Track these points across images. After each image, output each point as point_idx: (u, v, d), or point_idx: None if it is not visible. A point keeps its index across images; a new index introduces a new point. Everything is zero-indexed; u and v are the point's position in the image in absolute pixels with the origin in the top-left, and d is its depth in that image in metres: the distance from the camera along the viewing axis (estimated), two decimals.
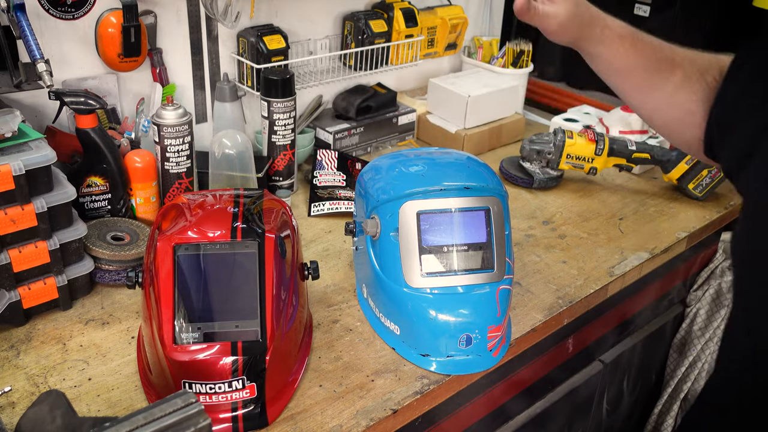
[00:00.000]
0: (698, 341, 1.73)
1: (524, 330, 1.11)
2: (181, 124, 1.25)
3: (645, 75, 0.98)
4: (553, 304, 1.17)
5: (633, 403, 1.76)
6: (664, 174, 1.54)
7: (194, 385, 0.87)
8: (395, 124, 1.73)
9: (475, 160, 1.15)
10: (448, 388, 1.01)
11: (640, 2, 1.90)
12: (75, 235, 1.07)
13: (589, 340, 1.43)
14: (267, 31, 1.49)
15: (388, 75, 1.83)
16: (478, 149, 1.72)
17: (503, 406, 1.28)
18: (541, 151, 1.54)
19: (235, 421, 0.89)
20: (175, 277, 0.91)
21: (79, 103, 1.16)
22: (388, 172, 1.11)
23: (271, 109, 1.40)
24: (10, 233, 1.00)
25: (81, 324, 1.07)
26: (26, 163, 0.98)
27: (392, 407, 0.94)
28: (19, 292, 1.03)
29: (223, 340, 0.88)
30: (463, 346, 0.99)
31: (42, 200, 1.01)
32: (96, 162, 1.21)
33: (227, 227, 0.94)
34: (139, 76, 1.40)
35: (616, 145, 1.52)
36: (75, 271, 1.09)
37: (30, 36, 1.11)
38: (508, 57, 1.87)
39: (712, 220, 1.48)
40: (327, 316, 1.11)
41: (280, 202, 1.07)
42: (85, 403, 0.92)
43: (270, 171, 1.46)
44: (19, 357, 0.99)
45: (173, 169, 1.29)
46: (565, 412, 1.45)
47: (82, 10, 1.26)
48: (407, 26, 1.68)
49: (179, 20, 1.41)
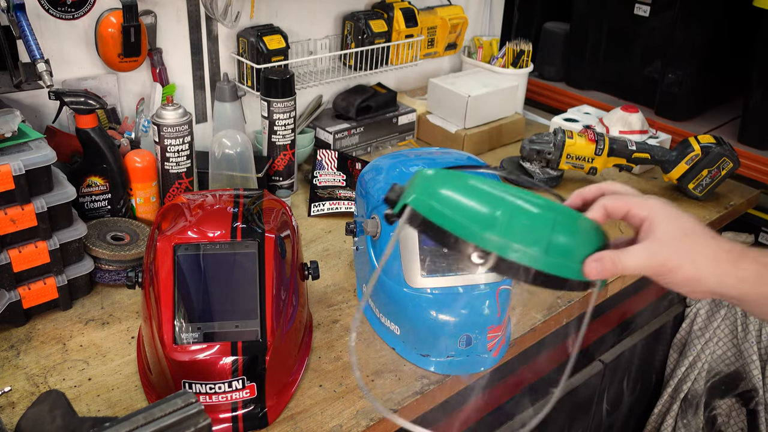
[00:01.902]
0: (698, 341, 1.73)
1: (524, 330, 1.11)
2: (181, 124, 1.25)
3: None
4: (553, 303, 1.17)
5: (633, 403, 1.76)
6: (664, 174, 1.54)
7: (194, 385, 0.87)
8: (395, 124, 1.73)
9: (475, 160, 1.15)
10: (448, 388, 1.01)
11: (640, 2, 1.90)
12: (75, 235, 1.07)
13: (589, 340, 1.43)
14: (267, 31, 1.48)
15: (388, 75, 1.83)
16: (478, 149, 1.72)
17: (503, 406, 1.28)
18: (541, 151, 1.54)
19: (235, 421, 0.89)
20: (175, 277, 0.91)
21: (79, 103, 1.16)
22: (388, 172, 1.11)
23: (271, 109, 1.40)
24: (10, 233, 1.00)
25: (81, 324, 1.07)
26: (26, 163, 0.98)
27: (392, 407, 0.94)
28: (19, 292, 1.03)
29: (223, 340, 0.88)
30: (463, 346, 0.99)
31: (42, 200, 1.01)
32: (96, 162, 1.21)
33: (227, 227, 0.94)
34: (139, 76, 1.40)
35: (616, 145, 1.52)
36: (75, 271, 1.09)
37: (30, 36, 1.11)
38: (508, 57, 1.87)
39: (712, 220, 1.48)
40: (327, 316, 1.11)
41: (280, 202, 1.07)
42: (85, 403, 0.92)
43: (270, 171, 1.46)
44: (19, 357, 0.99)
45: (173, 169, 1.29)
46: (565, 412, 1.45)
47: (82, 10, 1.26)
48: (407, 26, 1.68)
49: (179, 20, 1.41)
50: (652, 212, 0.70)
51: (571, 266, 0.69)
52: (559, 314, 1.16)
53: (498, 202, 0.68)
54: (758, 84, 1.73)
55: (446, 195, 0.69)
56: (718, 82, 1.98)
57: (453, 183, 0.71)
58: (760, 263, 0.67)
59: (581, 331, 0.71)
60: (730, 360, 1.72)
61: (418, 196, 0.71)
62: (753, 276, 0.67)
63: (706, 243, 0.68)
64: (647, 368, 1.75)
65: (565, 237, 0.68)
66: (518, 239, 0.67)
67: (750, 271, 0.67)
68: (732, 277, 0.67)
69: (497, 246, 0.67)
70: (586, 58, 2.07)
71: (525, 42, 1.85)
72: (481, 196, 0.69)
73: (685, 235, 0.69)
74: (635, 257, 0.68)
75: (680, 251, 0.68)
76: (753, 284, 0.67)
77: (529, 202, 0.69)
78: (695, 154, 1.48)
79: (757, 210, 1.73)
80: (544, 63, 2.15)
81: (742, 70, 1.82)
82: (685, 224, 0.70)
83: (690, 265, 0.67)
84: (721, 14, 1.82)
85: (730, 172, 1.50)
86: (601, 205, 0.73)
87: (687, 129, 1.86)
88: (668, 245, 0.68)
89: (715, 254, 0.68)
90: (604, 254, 0.68)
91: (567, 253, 0.68)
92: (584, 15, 2.04)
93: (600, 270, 0.68)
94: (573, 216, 0.70)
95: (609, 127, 1.69)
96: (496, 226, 0.67)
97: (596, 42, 2.04)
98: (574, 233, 0.69)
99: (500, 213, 0.67)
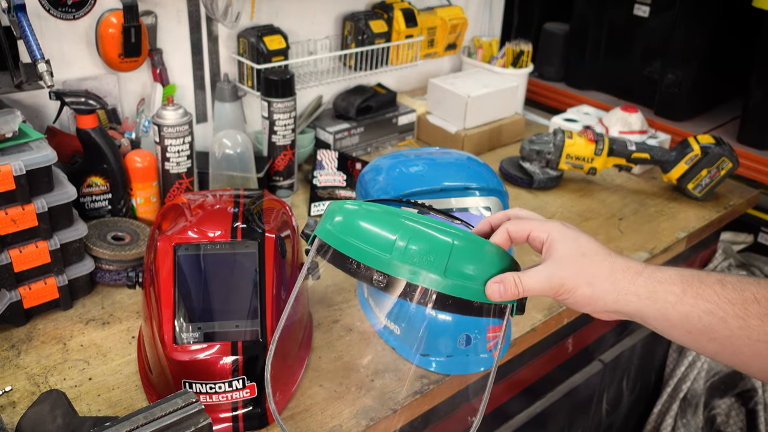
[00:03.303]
0: None
1: (524, 330, 1.11)
2: (181, 124, 1.25)
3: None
4: (553, 303, 1.18)
5: (633, 402, 1.76)
6: (663, 174, 1.54)
7: (194, 384, 0.87)
8: (395, 125, 1.73)
9: (475, 160, 1.15)
10: (448, 388, 1.01)
11: (640, 2, 1.90)
12: (75, 235, 1.07)
13: (589, 340, 1.43)
14: (267, 32, 1.49)
15: (388, 75, 1.83)
16: (478, 149, 1.72)
17: (503, 406, 1.28)
18: (540, 151, 1.54)
19: (235, 421, 0.89)
20: (175, 277, 0.91)
21: (80, 104, 1.16)
22: (388, 172, 1.11)
23: (271, 109, 1.40)
24: (11, 233, 1.00)
25: (81, 324, 1.07)
26: (27, 164, 0.98)
27: (392, 407, 0.94)
28: (19, 291, 1.03)
29: (223, 339, 0.88)
30: (462, 346, 0.99)
31: (42, 200, 1.01)
32: (96, 162, 1.21)
33: (227, 227, 0.94)
34: (139, 77, 1.40)
35: (616, 145, 1.52)
36: (75, 271, 1.09)
37: (30, 36, 1.11)
38: (507, 57, 1.87)
39: (712, 220, 1.48)
40: (327, 316, 1.12)
41: (280, 202, 1.07)
42: (86, 402, 0.92)
43: (270, 171, 1.46)
44: (20, 357, 0.99)
45: (173, 169, 1.29)
46: (565, 412, 1.45)
47: (82, 11, 1.26)
48: (407, 26, 1.68)
49: (179, 20, 1.41)
50: (551, 234, 0.71)
51: (472, 288, 0.70)
52: (559, 314, 1.16)
53: (398, 227, 0.70)
54: (758, 84, 1.73)
55: (349, 223, 0.71)
56: (718, 82, 1.98)
57: (357, 212, 0.73)
58: (654, 279, 0.67)
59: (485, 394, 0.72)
60: None
61: (324, 226, 0.73)
62: (648, 293, 0.67)
63: (602, 262, 0.69)
64: (647, 368, 1.75)
65: (464, 260, 0.69)
66: (417, 263, 0.69)
67: (646, 287, 0.67)
68: (629, 295, 0.67)
69: (396, 270, 0.69)
70: (585, 58, 2.08)
71: (525, 42, 1.85)
72: (383, 222, 0.71)
73: (582, 255, 0.70)
74: (534, 278, 0.70)
75: (577, 272, 0.69)
76: (649, 301, 0.67)
77: (430, 228, 0.71)
78: (695, 154, 1.48)
79: (756, 210, 1.73)
80: (543, 63, 2.15)
81: (742, 70, 1.82)
82: (582, 245, 0.70)
83: (587, 286, 0.68)
84: (721, 14, 1.82)
85: (730, 172, 1.50)
86: (504, 229, 0.75)
87: (686, 129, 1.87)
88: (566, 267, 0.69)
89: (612, 273, 0.68)
90: (506, 276, 0.69)
91: (466, 276, 0.70)
92: (584, 15, 2.04)
93: (502, 291, 0.69)
94: (475, 241, 0.72)
95: (609, 128, 1.69)
96: (395, 250, 0.69)
97: (596, 42, 2.04)
98: (474, 256, 0.70)
99: (399, 237, 0.69)
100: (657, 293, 0.66)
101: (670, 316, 0.66)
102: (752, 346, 0.62)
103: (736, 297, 0.63)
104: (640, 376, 1.71)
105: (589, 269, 0.69)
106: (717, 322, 0.64)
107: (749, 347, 0.63)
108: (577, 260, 0.69)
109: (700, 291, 0.65)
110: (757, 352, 0.62)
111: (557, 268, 0.70)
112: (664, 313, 0.66)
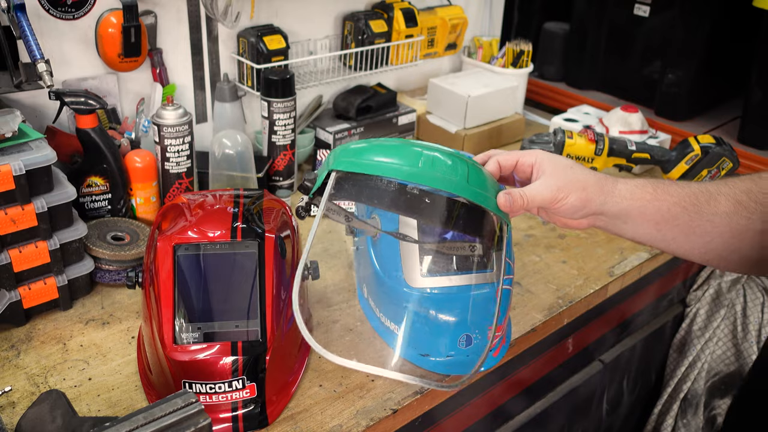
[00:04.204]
0: (698, 341, 1.73)
1: (524, 330, 1.11)
2: (181, 124, 1.25)
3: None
4: (553, 304, 1.18)
5: (633, 403, 1.76)
6: (663, 174, 1.54)
7: (194, 384, 0.87)
8: (395, 124, 1.73)
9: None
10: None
11: (640, 2, 1.90)
12: (75, 235, 1.07)
13: (589, 340, 1.43)
14: (267, 31, 1.49)
15: (388, 75, 1.83)
16: (478, 149, 1.72)
17: (503, 406, 1.28)
18: None
19: (235, 421, 0.89)
20: (175, 277, 0.91)
21: (80, 103, 1.16)
22: None
23: (271, 109, 1.40)
24: (11, 233, 1.00)
25: (81, 324, 1.07)
26: (26, 163, 0.98)
27: (392, 407, 0.94)
28: (19, 291, 1.03)
29: (223, 340, 0.88)
30: (463, 346, 0.99)
31: (42, 200, 1.01)
32: (96, 162, 1.21)
33: (227, 227, 0.94)
34: (139, 76, 1.40)
35: (616, 145, 1.52)
36: (75, 271, 1.09)
37: (30, 36, 1.11)
38: (508, 57, 1.87)
39: None
40: (327, 316, 1.11)
41: (280, 202, 1.07)
42: (86, 402, 0.92)
43: (270, 171, 1.46)
44: (20, 357, 0.99)
45: (173, 169, 1.29)
46: (565, 412, 1.45)
47: (82, 10, 1.26)
48: (407, 26, 1.68)
49: (179, 20, 1.41)
50: (538, 156, 0.85)
51: (488, 198, 0.82)
52: (559, 314, 1.16)
53: (417, 146, 0.81)
54: (758, 84, 1.73)
55: (372, 147, 0.81)
56: (718, 82, 1.98)
57: (374, 141, 0.83)
58: (632, 184, 0.82)
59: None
60: (730, 360, 1.72)
61: (340, 160, 0.81)
62: (629, 194, 0.82)
63: (588, 172, 0.83)
64: (647, 368, 1.75)
65: (478, 175, 0.82)
66: (445, 173, 0.79)
67: (627, 190, 0.82)
68: (614, 196, 0.82)
69: (429, 179, 0.78)
70: (585, 58, 2.07)
71: (525, 42, 1.85)
72: (400, 146, 0.82)
73: (571, 168, 0.83)
74: (535, 190, 0.83)
75: (571, 180, 0.82)
76: (631, 201, 0.81)
77: (441, 152, 0.82)
78: (695, 154, 1.48)
79: None
80: (544, 63, 2.15)
81: (742, 70, 1.82)
82: (565, 162, 0.84)
83: (581, 190, 0.81)
84: (721, 14, 1.82)
85: (730, 172, 1.50)
86: (494, 160, 0.88)
87: (687, 129, 1.86)
88: (560, 177, 0.82)
89: (597, 180, 0.83)
90: (512, 190, 0.83)
91: (484, 186, 0.82)
92: (584, 15, 2.04)
93: (510, 201, 0.82)
94: (478, 164, 0.86)
95: (609, 127, 1.69)
96: (424, 162, 0.79)
97: (596, 42, 2.04)
98: (483, 174, 0.83)
99: (423, 153, 0.79)
100: (635, 193, 0.81)
101: (646, 211, 0.81)
102: (702, 225, 0.79)
103: (694, 190, 0.80)
104: (640, 376, 1.71)
105: (579, 177, 0.82)
106: (680, 210, 0.80)
107: (700, 227, 0.79)
108: (567, 171, 0.83)
109: (667, 188, 0.81)
110: (704, 231, 0.79)
111: (553, 179, 0.82)
112: (642, 209, 0.81)
